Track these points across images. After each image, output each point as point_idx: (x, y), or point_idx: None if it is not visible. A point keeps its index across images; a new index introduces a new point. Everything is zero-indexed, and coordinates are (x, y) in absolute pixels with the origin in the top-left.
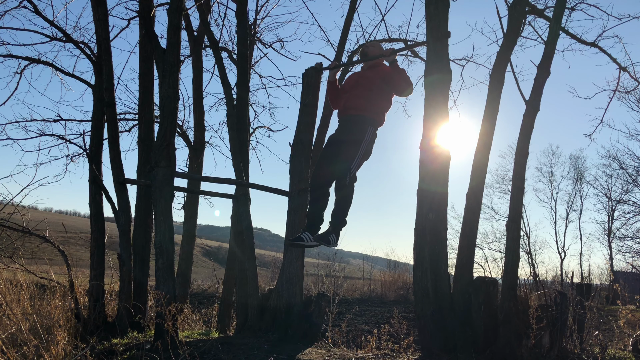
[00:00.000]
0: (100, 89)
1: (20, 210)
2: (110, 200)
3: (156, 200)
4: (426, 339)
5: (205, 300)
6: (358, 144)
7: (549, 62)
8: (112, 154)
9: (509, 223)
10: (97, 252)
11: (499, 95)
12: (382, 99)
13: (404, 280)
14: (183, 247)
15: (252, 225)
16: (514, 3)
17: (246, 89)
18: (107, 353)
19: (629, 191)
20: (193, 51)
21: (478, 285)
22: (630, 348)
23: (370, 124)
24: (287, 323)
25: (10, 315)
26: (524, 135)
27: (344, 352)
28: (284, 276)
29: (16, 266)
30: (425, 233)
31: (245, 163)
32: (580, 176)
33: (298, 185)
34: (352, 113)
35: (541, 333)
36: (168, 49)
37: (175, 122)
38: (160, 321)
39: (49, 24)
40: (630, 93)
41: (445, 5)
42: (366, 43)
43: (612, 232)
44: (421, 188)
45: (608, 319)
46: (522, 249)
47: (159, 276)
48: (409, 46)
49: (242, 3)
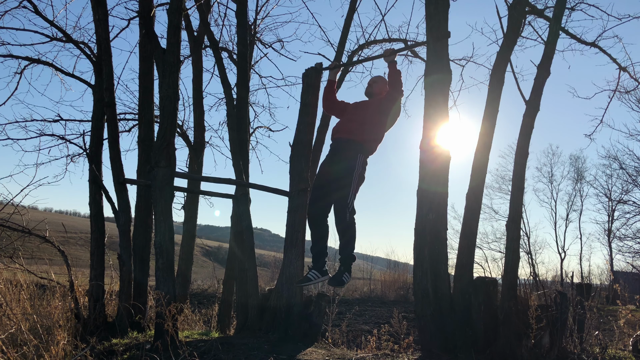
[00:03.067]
0: (100, 89)
1: (20, 210)
2: (110, 200)
3: (156, 200)
4: (426, 339)
5: (205, 300)
6: (350, 176)
7: (549, 62)
8: (112, 154)
9: (509, 223)
10: (97, 252)
11: (499, 95)
12: (375, 126)
13: (404, 280)
14: (183, 247)
15: (252, 225)
16: (514, 3)
17: (246, 89)
18: (107, 353)
19: (629, 191)
20: (193, 51)
21: (478, 285)
22: (630, 348)
23: (360, 151)
24: (287, 323)
25: (10, 315)
26: (524, 135)
27: (344, 352)
28: (284, 276)
29: (16, 266)
30: (425, 233)
31: (245, 163)
32: (580, 176)
33: (298, 185)
34: (342, 137)
35: (541, 333)
36: (168, 49)
37: (175, 122)
38: (160, 321)
39: (49, 24)
40: (630, 93)
41: (445, 5)
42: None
43: (612, 232)
44: (421, 188)
45: (608, 319)
46: (522, 249)
47: (159, 276)
48: (409, 46)
49: (242, 3)
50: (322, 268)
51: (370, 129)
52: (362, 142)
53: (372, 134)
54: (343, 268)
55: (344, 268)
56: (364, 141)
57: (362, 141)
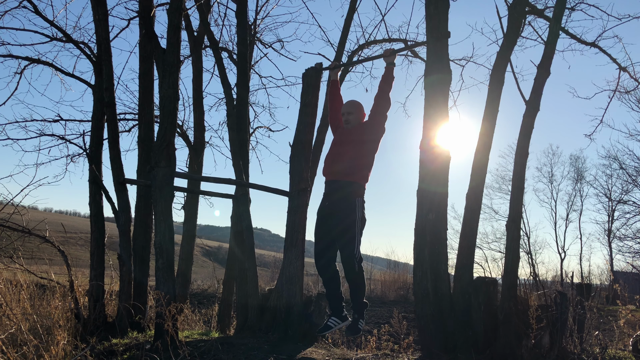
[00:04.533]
0: (100, 89)
1: (20, 210)
2: (110, 200)
3: (156, 200)
4: (426, 339)
5: (205, 300)
6: (353, 227)
7: (549, 62)
8: (112, 154)
9: (509, 223)
10: (97, 252)
11: (499, 95)
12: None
13: (404, 280)
14: (183, 247)
15: (252, 225)
16: (514, 3)
17: (246, 89)
18: (107, 353)
19: (629, 191)
20: (193, 51)
21: (478, 285)
22: (630, 348)
23: (357, 194)
24: (287, 323)
25: (10, 315)
26: (524, 135)
27: (344, 352)
28: (284, 276)
29: (16, 266)
30: (425, 233)
31: (245, 163)
32: (580, 176)
33: (298, 185)
34: (339, 179)
35: (541, 333)
36: (168, 49)
37: (175, 122)
38: (160, 321)
39: (49, 24)
40: (630, 93)
41: (445, 5)
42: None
43: (612, 232)
44: (421, 188)
45: (608, 319)
46: (522, 249)
47: (159, 276)
48: (409, 46)
49: (242, 3)
50: (341, 314)
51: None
52: (358, 180)
53: (365, 167)
54: (357, 316)
55: (357, 316)
56: (359, 179)
57: (358, 179)
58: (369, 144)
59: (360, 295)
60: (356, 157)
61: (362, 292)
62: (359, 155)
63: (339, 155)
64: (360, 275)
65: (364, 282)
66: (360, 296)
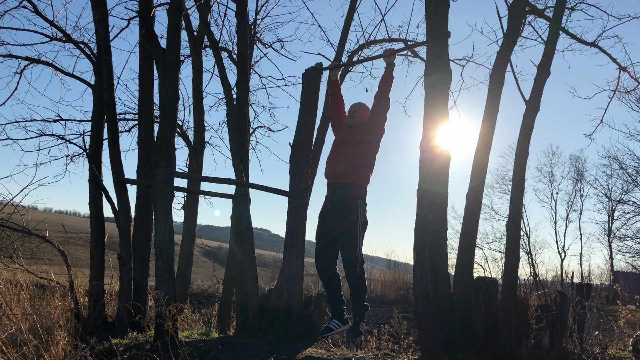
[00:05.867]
0: (100, 89)
1: (20, 210)
2: (110, 200)
3: (156, 200)
4: (426, 339)
5: (205, 300)
6: (354, 227)
7: (549, 62)
8: (112, 154)
9: (509, 223)
10: (97, 252)
11: (499, 95)
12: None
13: (404, 280)
14: (183, 247)
15: (252, 225)
16: (514, 3)
17: (246, 89)
18: (107, 353)
19: (629, 191)
20: (193, 51)
21: (478, 285)
22: (630, 348)
23: (359, 196)
24: (287, 323)
25: (10, 315)
26: (524, 135)
27: (344, 352)
28: (284, 276)
29: (16, 266)
30: (425, 233)
31: (245, 163)
32: (580, 176)
33: (298, 185)
34: (340, 181)
35: (541, 333)
36: (168, 49)
37: (175, 122)
38: (160, 321)
39: (48, 24)
40: (630, 93)
41: (445, 5)
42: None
43: (612, 232)
44: (421, 188)
45: (608, 319)
46: (522, 249)
47: (158, 276)
48: (409, 46)
49: (242, 3)
50: (342, 317)
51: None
52: (359, 181)
53: (366, 168)
54: (358, 318)
55: (358, 318)
56: (360, 180)
57: (359, 180)
58: (369, 144)
59: (361, 298)
60: (357, 157)
61: (363, 295)
62: (360, 156)
63: (340, 156)
64: (361, 278)
65: (365, 285)
66: (361, 298)
